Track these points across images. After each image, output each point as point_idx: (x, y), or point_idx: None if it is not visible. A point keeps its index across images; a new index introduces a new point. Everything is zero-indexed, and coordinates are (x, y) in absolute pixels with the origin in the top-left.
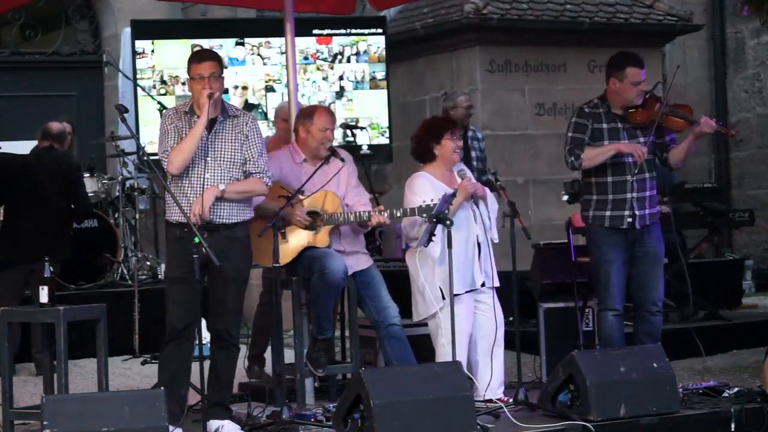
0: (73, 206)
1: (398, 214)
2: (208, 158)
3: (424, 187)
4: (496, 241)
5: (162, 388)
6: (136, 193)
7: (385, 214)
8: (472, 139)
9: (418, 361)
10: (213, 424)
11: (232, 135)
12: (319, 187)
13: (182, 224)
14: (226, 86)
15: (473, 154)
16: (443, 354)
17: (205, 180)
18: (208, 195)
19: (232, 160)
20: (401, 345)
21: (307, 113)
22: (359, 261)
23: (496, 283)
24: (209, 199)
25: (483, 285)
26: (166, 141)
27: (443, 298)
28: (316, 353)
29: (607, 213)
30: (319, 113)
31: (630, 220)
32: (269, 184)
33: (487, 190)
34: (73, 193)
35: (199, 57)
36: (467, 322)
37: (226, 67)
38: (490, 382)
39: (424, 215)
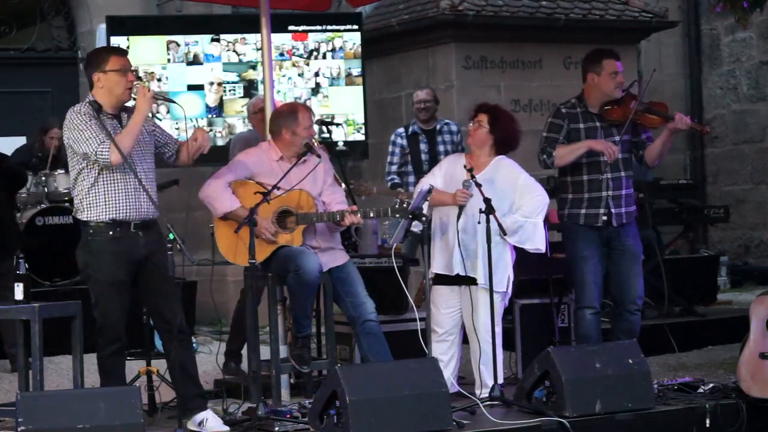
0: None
1: (371, 214)
2: (136, 149)
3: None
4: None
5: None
6: None
7: (359, 215)
8: (440, 132)
9: (395, 356)
10: (197, 417)
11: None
12: (295, 184)
13: (117, 222)
14: (201, 82)
15: (441, 147)
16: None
17: (142, 171)
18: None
19: (149, 150)
20: (378, 341)
21: (289, 113)
22: (335, 257)
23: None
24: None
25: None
26: (96, 135)
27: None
28: (299, 350)
29: (582, 211)
30: (302, 112)
31: (605, 218)
32: None
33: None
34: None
35: (119, 51)
36: (439, 313)
37: (201, 64)
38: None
39: (398, 215)
